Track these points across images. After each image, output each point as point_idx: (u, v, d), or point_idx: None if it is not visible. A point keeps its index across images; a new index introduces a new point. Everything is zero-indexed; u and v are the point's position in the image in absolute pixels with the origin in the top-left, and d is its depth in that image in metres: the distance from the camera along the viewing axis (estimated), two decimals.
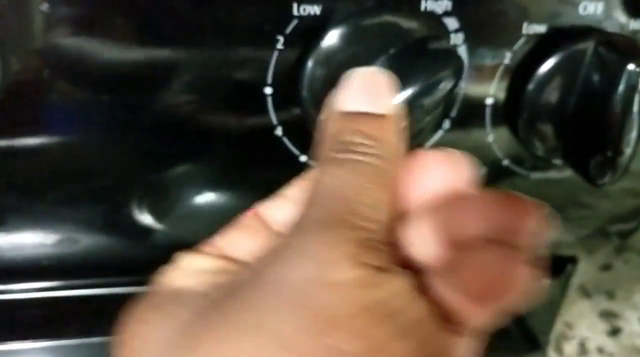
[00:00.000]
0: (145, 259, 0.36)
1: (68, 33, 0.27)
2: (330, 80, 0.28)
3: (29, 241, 0.34)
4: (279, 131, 0.31)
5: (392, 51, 0.27)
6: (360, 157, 0.22)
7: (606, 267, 0.56)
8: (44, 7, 0.26)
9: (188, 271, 0.24)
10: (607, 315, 0.54)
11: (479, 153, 0.30)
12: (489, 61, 0.32)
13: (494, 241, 0.21)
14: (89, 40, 0.27)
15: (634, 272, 0.56)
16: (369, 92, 0.24)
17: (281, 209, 0.27)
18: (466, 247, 0.22)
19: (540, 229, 0.22)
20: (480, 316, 0.22)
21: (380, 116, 0.24)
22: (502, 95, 0.33)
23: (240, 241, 0.26)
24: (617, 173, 0.31)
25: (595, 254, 0.53)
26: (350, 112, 0.24)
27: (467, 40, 0.31)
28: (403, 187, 0.24)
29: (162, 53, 0.29)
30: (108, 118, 0.30)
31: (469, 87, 0.33)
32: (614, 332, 0.52)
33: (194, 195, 0.34)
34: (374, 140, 0.23)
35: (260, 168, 0.34)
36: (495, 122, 0.34)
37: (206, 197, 0.34)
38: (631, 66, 0.29)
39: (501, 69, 0.32)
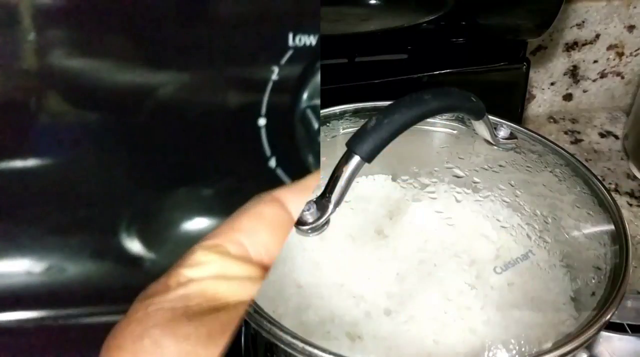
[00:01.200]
0: (134, 288, 0.35)
1: (58, 56, 0.26)
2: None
3: (15, 269, 0.33)
4: (272, 162, 0.31)
5: None
6: None
7: None
8: (32, 35, 0.25)
9: (220, 276, 0.21)
10: None
11: None
12: None
13: None
14: (80, 62, 0.27)
15: None
16: None
17: (303, 199, 0.25)
18: None
19: None
20: None
21: None
22: None
23: (263, 238, 0.23)
24: None
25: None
26: None
27: None
28: None
29: (154, 80, 0.28)
30: (97, 142, 0.29)
31: None
32: None
33: (185, 223, 0.33)
34: None
35: (252, 197, 0.33)
36: None
37: (197, 226, 0.34)
38: None
39: None
